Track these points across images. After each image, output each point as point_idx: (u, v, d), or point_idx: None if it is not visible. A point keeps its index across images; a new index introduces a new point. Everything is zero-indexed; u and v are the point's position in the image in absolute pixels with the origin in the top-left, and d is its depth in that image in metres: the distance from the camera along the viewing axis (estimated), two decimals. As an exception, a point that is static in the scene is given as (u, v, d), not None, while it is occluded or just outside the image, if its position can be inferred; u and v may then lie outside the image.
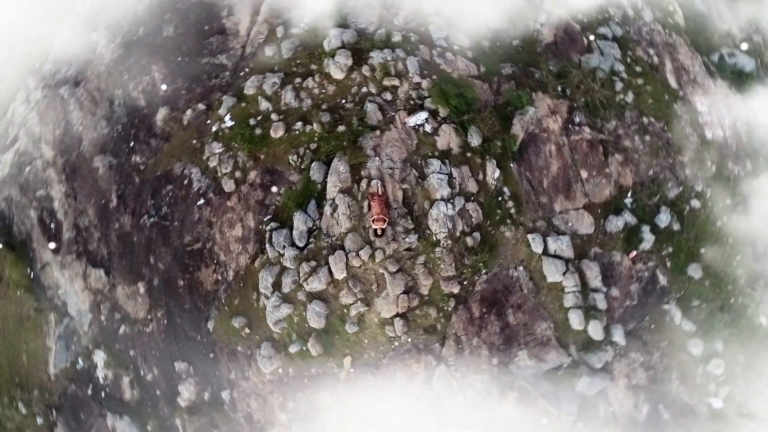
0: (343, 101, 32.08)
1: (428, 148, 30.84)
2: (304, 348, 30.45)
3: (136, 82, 34.75)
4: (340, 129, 31.19)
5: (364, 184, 29.88)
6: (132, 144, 34.22)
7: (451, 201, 30.08)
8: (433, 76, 32.38)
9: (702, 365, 32.92)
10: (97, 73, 35.40)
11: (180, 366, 32.28)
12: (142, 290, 33.06)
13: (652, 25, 37.09)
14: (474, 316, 30.57)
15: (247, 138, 32.00)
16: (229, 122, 32.68)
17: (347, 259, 29.38)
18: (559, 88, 33.68)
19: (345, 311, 29.98)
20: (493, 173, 31.21)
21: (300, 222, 30.44)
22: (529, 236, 31.16)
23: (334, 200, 30.04)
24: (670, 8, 38.56)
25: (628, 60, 35.30)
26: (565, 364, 31.32)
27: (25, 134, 36.29)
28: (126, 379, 33.06)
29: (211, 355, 31.91)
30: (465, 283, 30.30)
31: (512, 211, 31.27)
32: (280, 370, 30.98)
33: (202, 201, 32.42)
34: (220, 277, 31.96)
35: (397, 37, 33.35)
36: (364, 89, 32.09)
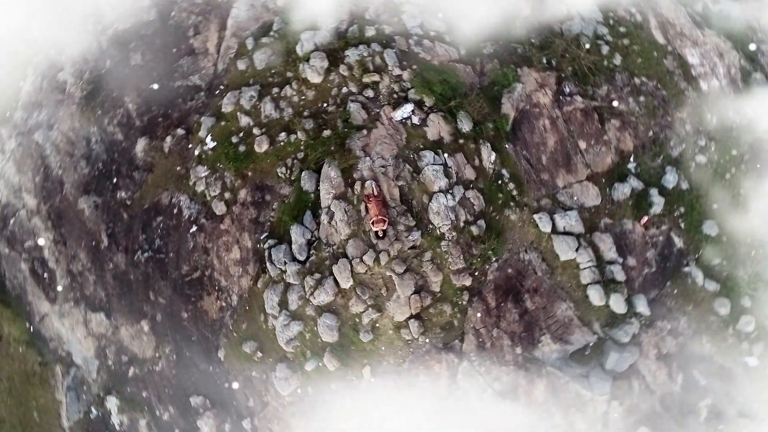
0: (325, 105, 31.21)
1: (419, 140, 30.00)
2: (320, 364, 29.58)
3: (111, 117, 33.88)
4: (326, 134, 30.33)
5: (358, 187, 29.05)
6: (115, 180, 33.37)
7: (450, 191, 29.24)
8: (414, 66, 31.52)
9: (731, 324, 32.12)
10: (70, 113, 34.52)
11: (196, 401, 31.49)
12: (147, 328, 32.29)
13: (629, -19, 36.05)
14: (490, 307, 29.75)
15: (232, 157, 31.16)
16: (210, 143, 31.81)
17: (351, 266, 28.55)
18: (544, 60, 32.72)
19: (357, 320, 29.13)
20: (489, 157, 30.40)
21: (298, 235, 29.62)
22: (535, 216, 30.34)
23: (329, 208, 29.23)
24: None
25: (611, 22, 34.26)
26: (591, 343, 30.49)
27: (5, 186, 35.46)
28: (143, 422, 32.34)
29: (226, 385, 31.16)
30: (476, 274, 29.47)
31: (514, 193, 30.48)
32: (299, 391, 30.14)
33: (194, 228, 31.59)
34: (224, 304, 31.14)
35: (371, 32, 32.43)
36: (345, 89, 31.20)
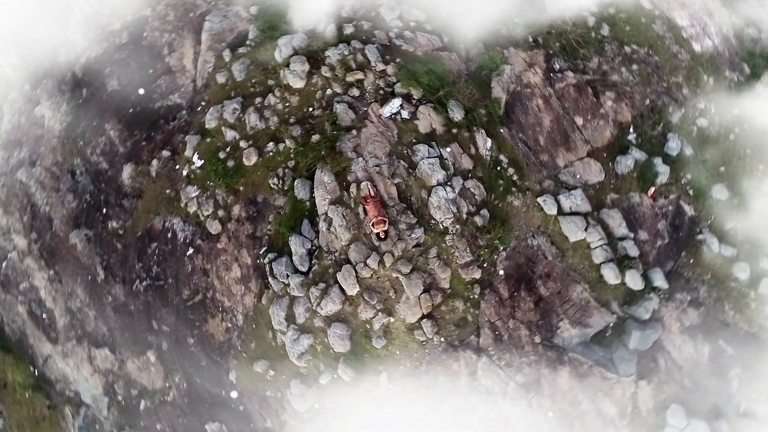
0: (311, 109, 30.34)
1: (411, 134, 29.15)
2: (335, 376, 28.72)
3: (93, 146, 32.99)
4: (315, 139, 29.46)
5: (354, 190, 28.20)
6: (105, 210, 32.46)
7: (449, 183, 28.39)
8: (397, 59, 30.72)
9: (753, 289, 31.29)
10: (51, 147, 33.64)
11: (212, 427, 30.70)
12: (153, 358, 31.45)
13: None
14: (503, 298, 28.88)
15: (221, 173, 30.30)
16: (198, 162, 30.94)
17: (356, 271, 27.69)
18: (530, 39, 31.94)
19: (368, 327, 28.26)
20: (484, 144, 29.57)
21: (297, 246, 28.74)
22: (539, 199, 29.53)
23: (326, 214, 28.35)
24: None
25: (594, -8, 33.57)
26: (611, 324, 29.60)
27: (-7, 229, 34.65)
28: (160, 455, 31.49)
29: (241, 408, 30.33)
30: (485, 266, 28.59)
31: (515, 178, 29.65)
32: (316, 405, 29.28)
33: (191, 250, 30.70)
34: (229, 325, 30.26)
35: (349, 29, 31.59)
36: (329, 91, 30.33)
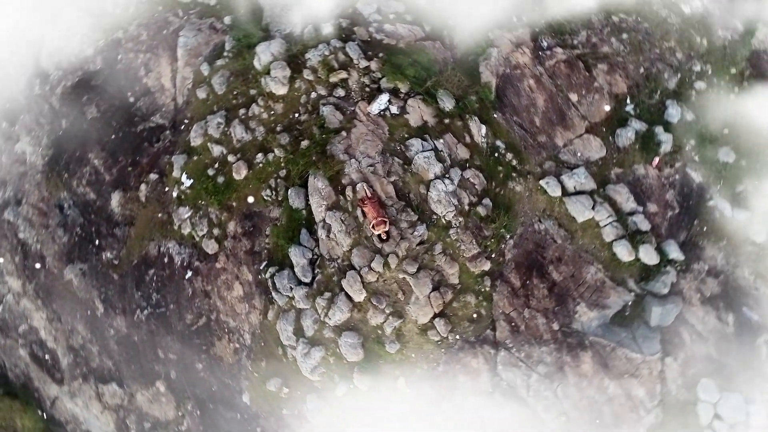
0: (297, 115, 29.48)
1: (402, 129, 28.36)
2: (351, 386, 27.87)
3: (79, 177, 32.16)
4: (304, 145, 28.62)
5: (350, 193, 27.40)
6: (97, 242, 31.61)
7: (447, 175, 27.58)
8: (380, 54, 29.89)
9: (771, 250, 30.38)
10: (36, 183, 32.81)
11: (230, 453, 29.79)
12: (163, 388, 30.66)
13: None
14: (516, 287, 28.01)
15: (212, 190, 29.51)
16: (187, 182, 30.11)
17: (361, 276, 26.87)
18: (514, 18, 31.11)
19: (380, 332, 27.42)
20: (479, 131, 28.80)
21: (298, 257, 27.90)
22: (541, 182, 28.76)
23: (324, 221, 27.54)
24: None
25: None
26: (630, 302, 28.75)
27: (-15, 274, 33.81)
28: (180, 487, 30.58)
29: (258, 430, 29.56)
30: (493, 256, 27.80)
31: (514, 163, 28.86)
32: (334, 418, 28.34)
33: (189, 273, 29.87)
34: (237, 345, 29.44)
35: (327, 29, 30.77)
36: (314, 94, 29.48)
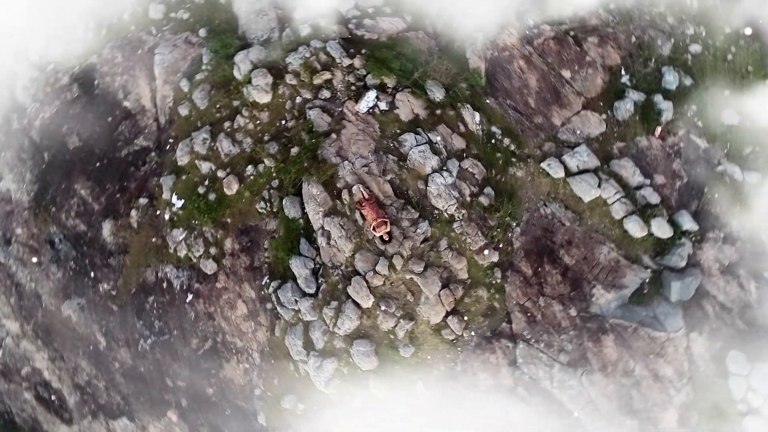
0: (283, 122, 28.62)
1: (394, 125, 27.59)
2: (368, 395, 26.99)
3: (67, 210, 31.36)
4: (294, 152, 27.79)
5: (346, 196, 26.57)
6: (92, 274, 30.81)
7: (445, 168, 26.82)
8: (363, 51, 29.09)
9: (787, 207, 29.43)
10: (24, 221, 32.04)
11: (251, 477, 28.88)
12: (175, 418, 29.88)
13: None
14: (528, 276, 27.16)
15: (204, 209, 28.68)
16: (178, 203, 29.26)
17: (367, 281, 26.05)
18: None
19: (392, 337, 26.57)
20: (473, 119, 28.03)
21: (299, 267, 27.04)
22: (542, 165, 27.94)
23: (323, 228, 26.71)
24: None
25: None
26: (647, 279, 27.80)
27: (-19, 320, 33.02)
28: None
29: (278, 450, 28.57)
30: (501, 246, 27.01)
31: (513, 148, 28.07)
32: (354, 430, 27.40)
33: (190, 296, 29.02)
34: (247, 365, 28.61)
35: (306, 30, 29.94)
36: (299, 99, 28.63)
